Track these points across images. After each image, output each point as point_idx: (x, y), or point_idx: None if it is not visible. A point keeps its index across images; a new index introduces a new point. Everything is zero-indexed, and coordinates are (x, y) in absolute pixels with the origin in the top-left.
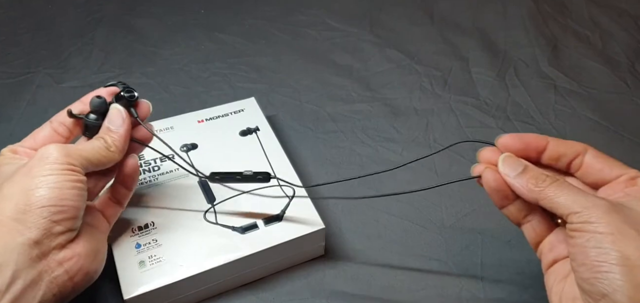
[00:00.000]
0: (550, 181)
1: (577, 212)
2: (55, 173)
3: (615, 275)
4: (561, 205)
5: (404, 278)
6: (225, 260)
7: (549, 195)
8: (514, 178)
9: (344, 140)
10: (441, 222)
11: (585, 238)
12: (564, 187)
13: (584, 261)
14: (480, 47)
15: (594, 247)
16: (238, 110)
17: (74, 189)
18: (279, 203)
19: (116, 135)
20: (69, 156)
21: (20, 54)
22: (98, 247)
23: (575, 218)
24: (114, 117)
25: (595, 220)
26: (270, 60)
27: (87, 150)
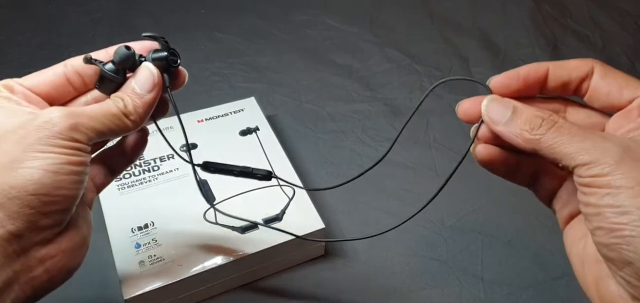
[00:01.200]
0: (548, 125)
1: (586, 162)
2: (54, 151)
3: (638, 239)
4: (565, 154)
5: (404, 278)
6: (225, 260)
7: (548, 143)
8: (505, 126)
9: (344, 140)
10: (441, 222)
11: (598, 196)
12: (566, 130)
13: (601, 223)
14: (480, 47)
15: (610, 205)
16: (238, 110)
17: (73, 175)
18: (279, 203)
19: (140, 101)
20: (77, 130)
21: (20, 54)
22: (85, 237)
23: (583, 171)
24: (143, 77)
25: (609, 171)
26: (270, 60)
27: (100, 119)
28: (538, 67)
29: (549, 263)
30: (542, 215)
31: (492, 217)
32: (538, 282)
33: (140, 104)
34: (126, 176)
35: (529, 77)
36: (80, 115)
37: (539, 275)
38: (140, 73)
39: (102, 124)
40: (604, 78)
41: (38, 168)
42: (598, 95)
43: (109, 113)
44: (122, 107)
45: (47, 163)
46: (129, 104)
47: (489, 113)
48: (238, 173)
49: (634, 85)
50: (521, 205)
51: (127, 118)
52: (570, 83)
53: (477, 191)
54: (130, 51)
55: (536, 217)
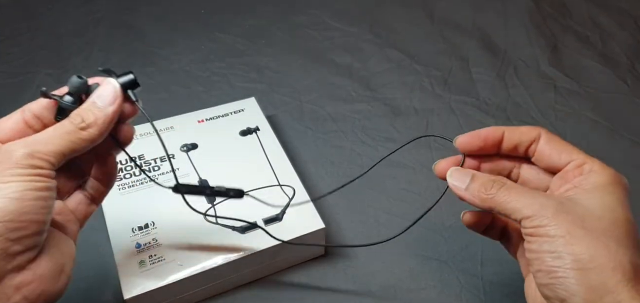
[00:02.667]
0: (498, 186)
1: (528, 215)
2: (16, 179)
3: (570, 280)
4: (513, 210)
5: (404, 278)
6: (225, 260)
7: (499, 201)
8: (465, 191)
9: (344, 140)
10: (441, 222)
11: (538, 243)
12: (513, 190)
13: (540, 267)
14: (480, 47)
15: (547, 251)
16: (238, 110)
17: (38, 200)
18: (279, 203)
19: (102, 114)
20: (34, 156)
21: (20, 54)
22: (64, 262)
23: (527, 223)
24: (105, 91)
25: (546, 223)
26: (270, 60)
27: (56, 142)
28: (495, 131)
29: None
30: None
31: None
32: None
33: (101, 116)
34: (126, 176)
35: (488, 138)
36: (35, 143)
37: None
38: (102, 88)
39: (59, 144)
40: (548, 143)
41: (1, 197)
42: (542, 157)
43: (64, 132)
44: (79, 122)
45: (10, 191)
46: (90, 117)
47: (453, 180)
48: (210, 194)
49: (570, 150)
50: None
51: (86, 130)
52: (520, 145)
53: None
54: (83, 79)
55: None
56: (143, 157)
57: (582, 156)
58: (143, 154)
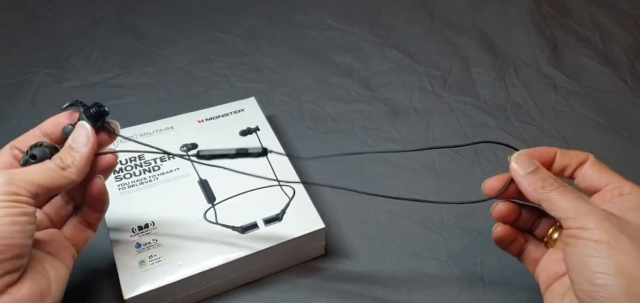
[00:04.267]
0: (557, 185)
1: (575, 217)
2: None
3: (612, 288)
4: (562, 208)
5: (404, 278)
6: (225, 260)
7: (552, 198)
8: (524, 177)
9: (344, 140)
10: (441, 222)
11: (582, 246)
12: (567, 192)
13: (583, 272)
14: (480, 47)
15: (591, 255)
16: (238, 110)
17: (14, 225)
18: (279, 203)
19: (78, 154)
20: (13, 184)
21: (20, 54)
22: (48, 287)
23: (572, 223)
24: (78, 134)
25: (593, 227)
26: (270, 60)
27: (37, 174)
28: (549, 151)
29: None
30: None
31: (491, 217)
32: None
33: (78, 157)
34: (126, 176)
35: (543, 156)
36: (15, 173)
37: None
38: (76, 131)
39: (39, 177)
40: (592, 166)
41: None
42: (584, 178)
43: (46, 168)
44: (59, 162)
45: None
46: (67, 159)
47: (517, 162)
48: (234, 156)
49: (613, 175)
50: None
51: (66, 171)
52: (569, 167)
53: (477, 191)
54: (70, 127)
55: None
56: (143, 157)
57: (623, 180)
58: (143, 154)
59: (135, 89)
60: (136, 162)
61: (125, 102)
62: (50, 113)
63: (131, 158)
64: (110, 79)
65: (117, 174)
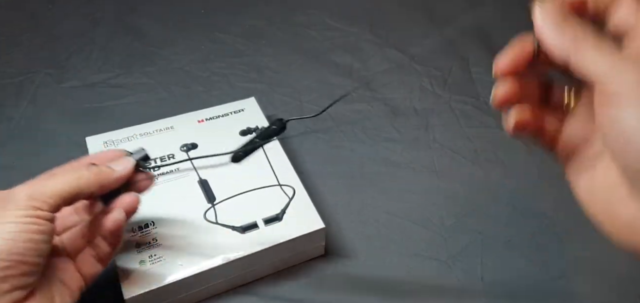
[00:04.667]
0: (592, 39)
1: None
2: (13, 220)
3: None
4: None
5: (404, 278)
6: (225, 260)
7: (584, 54)
8: (551, 27)
9: (344, 140)
10: (441, 222)
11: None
12: (604, 46)
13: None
14: (480, 47)
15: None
16: (238, 110)
17: (29, 243)
18: (279, 203)
19: (109, 170)
20: (35, 198)
21: (20, 54)
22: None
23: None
24: (121, 162)
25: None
26: (270, 60)
27: (59, 184)
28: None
29: (549, 263)
30: (542, 216)
31: (492, 217)
32: (538, 282)
33: (109, 171)
34: None
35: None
36: (38, 186)
37: (538, 275)
38: (120, 160)
39: (60, 185)
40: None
41: None
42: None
43: (72, 175)
44: (95, 170)
45: (4, 231)
46: (104, 168)
47: (542, 9)
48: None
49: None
50: (521, 205)
51: (98, 176)
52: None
53: (477, 191)
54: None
55: (536, 216)
56: None
57: None
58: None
59: (135, 89)
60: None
61: (125, 102)
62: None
63: None
64: (110, 79)
65: None
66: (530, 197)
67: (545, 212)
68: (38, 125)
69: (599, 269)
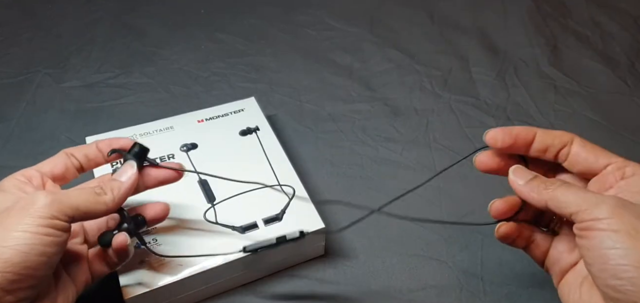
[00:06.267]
0: (559, 184)
1: (586, 209)
2: (30, 230)
3: (639, 279)
4: (570, 202)
5: (404, 278)
6: (225, 260)
7: (557, 195)
8: (524, 186)
9: (344, 140)
10: (441, 222)
11: (599, 239)
12: (572, 186)
13: (605, 266)
14: (480, 47)
15: (611, 247)
16: (238, 110)
17: (42, 256)
18: (279, 203)
19: (117, 185)
20: (54, 207)
21: (20, 54)
22: None
23: (585, 215)
24: (123, 169)
25: (607, 216)
26: (270, 60)
27: (77, 198)
28: (528, 131)
29: None
30: None
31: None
32: (538, 282)
33: (116, 187)
34: None
35: (520, 136)
36: (60, 194)
37: (539, 275)
38: (122, 168)
39: (79, 201)
40: (583, 147)
41: (10, 248)
42: (577, 161)
43: (86, 193)
44: (99, 191)
45: (21, 242)
46: (107, 187)
47: (514, 176)
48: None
49: (607, 154)
50: None
51: (102, 197)
52: (551, 148)
53: (477, 191)
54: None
55: None
56: None
57: (621, 159)
58: None
59: (135, 89)
60: None
61: (125, 102)
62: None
63: None
64: (110, 79)
65: None
66: None
67: None
68: (38, 125)
69: None
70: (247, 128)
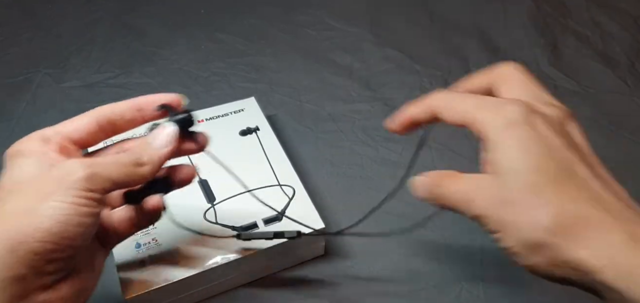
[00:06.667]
0: (444, 177)
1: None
2: (67, 201)
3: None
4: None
5: (404, 278)
6: (225, 260)
7: (445, 194)
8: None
9: (344, 140)
10: (441, 222)
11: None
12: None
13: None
14: (480, 47)
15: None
16: (238, 110)
17: (80, 227)
18: (279, 203)
19: (156, 154)
20: (92, 179)
21: (20, 54)
22: (86, 286)
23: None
24: (161, 134)
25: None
26: (270, 60)
27: (115, 169)
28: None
29: None
30: None
31: None
32: (538, 282)
33: (155, 156)
34: None
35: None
36: (97, 166)
37: None
38: (159, 130)
39: (115, 173)
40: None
41: (49, 217)
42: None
43: (122, 163)
44: (135, 158)
45: (58, 213)
46: (144, 156)
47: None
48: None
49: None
50: None
51: (140, 167)
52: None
53: None
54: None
55: None
56: None
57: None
58: None
59: (135, 89)
60: None
61: None
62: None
63: None
64: (110, 79)
65: None
66: None
67: None
68: (38, 125)
69: None
70: (247, 128)
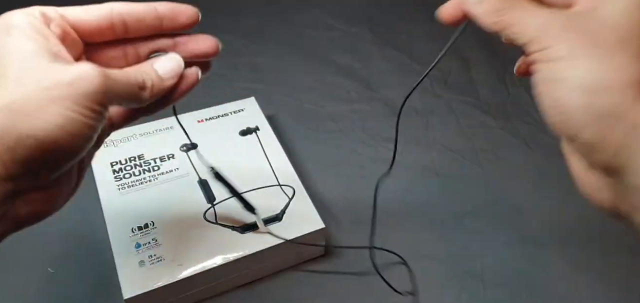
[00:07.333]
0: (511, 3)
1: (531, 38)
2: (76, 111)
3: (576, 112)
4: (518, 32)
5: (404, 278)
6: (225, 260)
7: (509, 21)
8: (474, 5)
9: (344, 140)
10: (441, 222)
11: (542, 72)
12: (523, 8)
13: (547, 102)
14: (480, 47)
15: (550, 79)
16: (238, 110)
17: (82, 140)
18: (279, 203)
19: (159, 82)
20: (105, 93)
21: None
22: (73, 188)
23: (533, 47)
24: (169, 65)
25: (551, 43)
26: (270, 60)
27: (124, 90)
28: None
29: (550, 263)
30: (543, 216)
31: (492, 217)
32: (538, 282)
33: (157, 84)
34: (126, 176)
35: None
36: (111, 78)
37: (539, 275)
38: (167, 59)
39: (125, 95)
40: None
41: (55, 125)
42: None
43: (129, 83)
44: (142, 86)
45: (65, 121)
46: (148, 82)
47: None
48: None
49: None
50: (521, 204)
51: (142, 91)
52: None
53: (477, 191)
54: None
55: (536, 217)
56: (143, 157)
57: None
58: (143, 154)
59: None
60: (136, 162)
61: None
62: None
63: (131, 158)
64: None
65: (116, 174)
66: (530, 197)
67: (545, 213)
68: None
69: (599, 270)
70: (247, 128)
